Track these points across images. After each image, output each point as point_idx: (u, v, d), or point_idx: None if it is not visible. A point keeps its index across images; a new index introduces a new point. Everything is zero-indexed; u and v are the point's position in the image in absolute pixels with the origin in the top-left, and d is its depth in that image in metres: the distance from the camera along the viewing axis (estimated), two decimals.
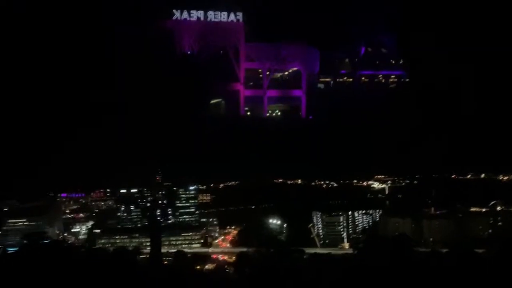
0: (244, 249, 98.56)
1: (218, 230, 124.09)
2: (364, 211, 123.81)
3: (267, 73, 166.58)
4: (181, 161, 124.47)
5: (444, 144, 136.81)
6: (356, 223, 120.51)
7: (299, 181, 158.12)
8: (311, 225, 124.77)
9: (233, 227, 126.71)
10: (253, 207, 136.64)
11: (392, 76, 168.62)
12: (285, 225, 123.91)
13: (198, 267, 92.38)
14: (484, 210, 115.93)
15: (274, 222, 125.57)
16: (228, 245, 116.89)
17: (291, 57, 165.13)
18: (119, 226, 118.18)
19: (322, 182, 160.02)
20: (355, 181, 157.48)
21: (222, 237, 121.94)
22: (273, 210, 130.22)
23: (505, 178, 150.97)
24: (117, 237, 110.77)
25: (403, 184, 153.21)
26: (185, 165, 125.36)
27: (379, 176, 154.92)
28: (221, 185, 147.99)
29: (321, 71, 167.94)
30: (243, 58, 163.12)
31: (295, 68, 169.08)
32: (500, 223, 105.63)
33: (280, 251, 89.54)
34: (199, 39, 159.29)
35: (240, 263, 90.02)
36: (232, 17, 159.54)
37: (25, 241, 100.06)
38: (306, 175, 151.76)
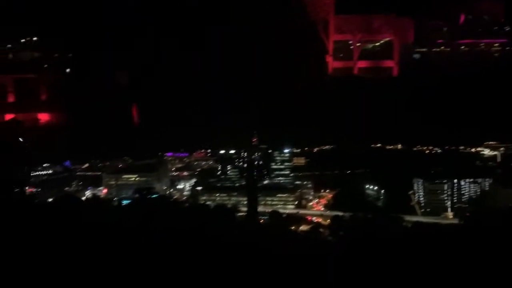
0: (339, 213, 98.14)
1: (312, 193, 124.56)
2: (471, 180, 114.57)
3: (358, 44, 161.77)
4: (277, 124, 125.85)
5: None
6: (462, 192, 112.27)
7: (399, 146, 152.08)
8: (411, 192, 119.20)
9: (327, 190, 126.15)
10: (348, 172, 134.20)
11: (495, 45, 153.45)
12: (382, 191, 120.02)
13: (292, 227, 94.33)
14: None
15: (371, 187, 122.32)
16: (322, 208, 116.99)
17: (384, 28, 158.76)
18: (219, 185, 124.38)
19: (425, 147, 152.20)
20: (462, 147, 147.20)
21: (317, 200, 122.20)
22: (370, 175, 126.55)
23: None
24: (217, 194, 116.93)
25: None
26: (281, 128, 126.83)
27: (490, 142, 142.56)
28: (316, 148, 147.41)
29: (416, 41, 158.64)
30: (333, 30, 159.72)
31: (387, 39, 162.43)
32: None
33: (377, 216, 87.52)
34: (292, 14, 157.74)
35: (335, 226, 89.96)
36: None
37: (136, 195, 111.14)
38: (406, 140, 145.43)
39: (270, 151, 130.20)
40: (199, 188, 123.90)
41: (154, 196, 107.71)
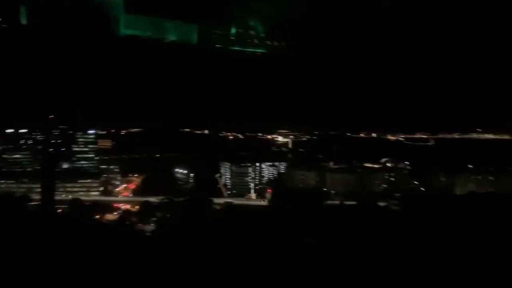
0: (149, 198, 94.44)
1: (119, 178, 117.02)
2: (270, 163, 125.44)
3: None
4: (80, 101, 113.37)
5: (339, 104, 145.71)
6: (263, 174, 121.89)
7: (206, 131, 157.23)
8: (218, 175, 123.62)
9: (135, 175, 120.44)
10: (157, 155, 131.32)
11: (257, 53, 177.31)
12: (191, 174, 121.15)
13: (97, 216, 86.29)
14: (376, 166, 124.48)
15: (180, 171, 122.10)
16: (130, 194, 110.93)
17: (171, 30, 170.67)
18: (5, 170, 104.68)
19: (229, 133, 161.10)
20: (260, 134, 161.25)
21: (124, 185, 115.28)
22: (179, 159, 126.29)
23: (393, 138, 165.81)
24: (2, 181, 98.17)
25: (305, 139, 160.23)
26: (84, 107, 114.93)
27: (282, 131, 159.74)
28: (123, 131, 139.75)
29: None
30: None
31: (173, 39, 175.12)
32: (392, 179, 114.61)
33: (188, 200, 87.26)
34: None
35: (145, 212, 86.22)
36: None
37: None
38: (212, 126, 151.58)
39: (71, 131, 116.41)
40: None
41: None
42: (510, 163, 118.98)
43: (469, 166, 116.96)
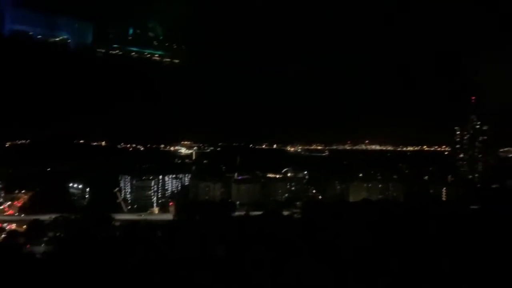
0: (39, 217, 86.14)
1: (3, 195, 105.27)
2: (173, 176, 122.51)
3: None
4: None
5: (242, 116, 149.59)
6: (166, 187, 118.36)
7: (103, 143, 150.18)
8: (117, 189, 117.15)
9: (23, 191, 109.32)
10: (48, 169, 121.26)
11: (156, 55, 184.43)
12: (87, 189, 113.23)
13: None
14: (278, 176, 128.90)
15: (75, 185, 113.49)
16: (16, 212, 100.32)
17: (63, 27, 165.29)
18: None
19: (129, 145, 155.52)
20: (162, 145, 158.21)
21: (9, 202, 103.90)
22: (73, 172, 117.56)
23: (292, 149, 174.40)
24: None
25: (208, 150, 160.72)
26: None
27: (185, 142, 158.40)
28: (8, 143, 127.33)
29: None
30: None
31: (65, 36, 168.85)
32: (293, 188, 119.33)
33: (84, 216, 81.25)
34: None
35: (34, 232, 78.33)
36: None
37: None
38: (112, 137, 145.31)
39: None
40: None
41: None
42: (395, 171, 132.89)
43: (360, 174, 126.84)
